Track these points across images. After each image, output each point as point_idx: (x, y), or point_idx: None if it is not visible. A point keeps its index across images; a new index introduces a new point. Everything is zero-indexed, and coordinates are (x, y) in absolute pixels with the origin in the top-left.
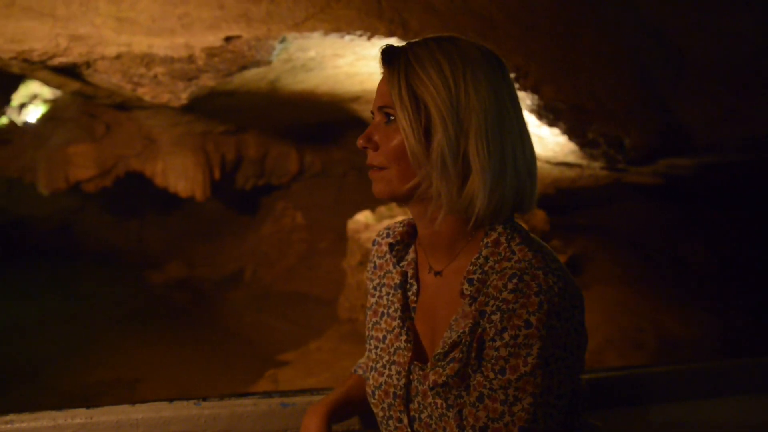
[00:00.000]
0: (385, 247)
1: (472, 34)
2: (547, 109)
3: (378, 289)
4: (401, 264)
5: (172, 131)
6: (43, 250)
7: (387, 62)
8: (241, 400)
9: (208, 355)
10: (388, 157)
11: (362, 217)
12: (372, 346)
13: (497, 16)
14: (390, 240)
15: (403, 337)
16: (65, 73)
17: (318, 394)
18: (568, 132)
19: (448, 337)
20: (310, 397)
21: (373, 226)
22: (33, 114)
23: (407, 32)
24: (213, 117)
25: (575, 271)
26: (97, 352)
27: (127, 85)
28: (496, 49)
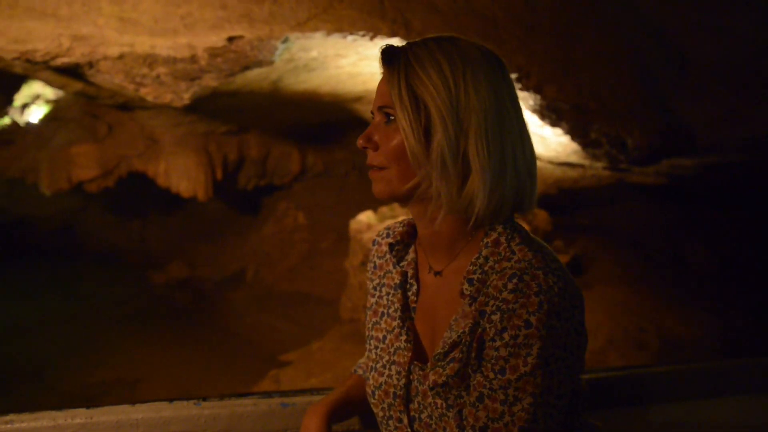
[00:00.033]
0: (385, 247)
1: (475, 34)
2: (549, 109)
3: (378, 289)
4: (401, 264)
5: (175, 131)
6: (45, 250)
7: (387, 62)
8: (241, 400)
9: (209, 355)
10: (388, 157)
11: (364, 217)
12: (372, 346)
13: (500, 16)
14: (390, 240)
15: (403, 337)
16: (68, 74)
17: (318, 394)
18: (571, 132)
19: (448, 337)
20: (310, 397)
21: (376, 226)
22: (35, 114)
23: (410, 32)
24: (215, 117)
25: (577, 271)
26: (99, 352)
27: (130, 86)
28: (499, 50)
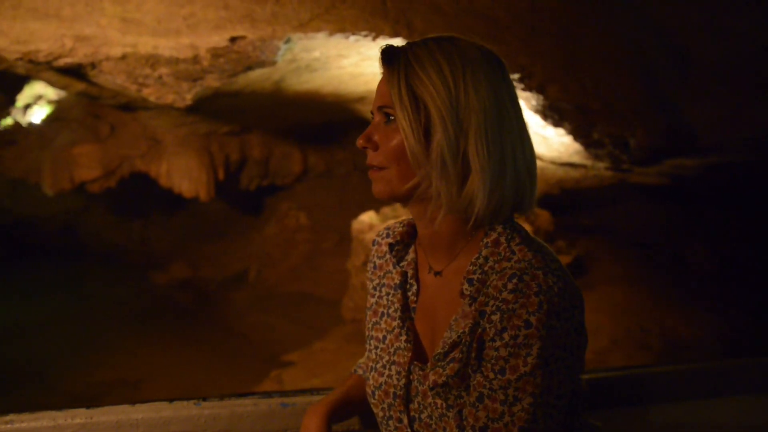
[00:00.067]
0: (385, 247)
1: (477, 34)
2: (552, 110)
3: (378, 289)
4: (401, 264)
5: (177, 132)
6: (47, 250)
7: (387, 62)
8: (241, 400)
9: (211, 355)
10: (387, 157)
11: (367, 217)
12: (372, 346)
13: (502, 17)
14: (390, 240)
15: (403, 337)
16: (70, 74)
17: (318, 394)
18: (573, 132)
19: (447, 337)
20: (310, 397)
21: (378, 226)
22: (38, 115)
23: (412, 33)
24: (217, 117)
25: (580, 271)
26: (101, 353)
27: (132, 86)
28: (501, 50)
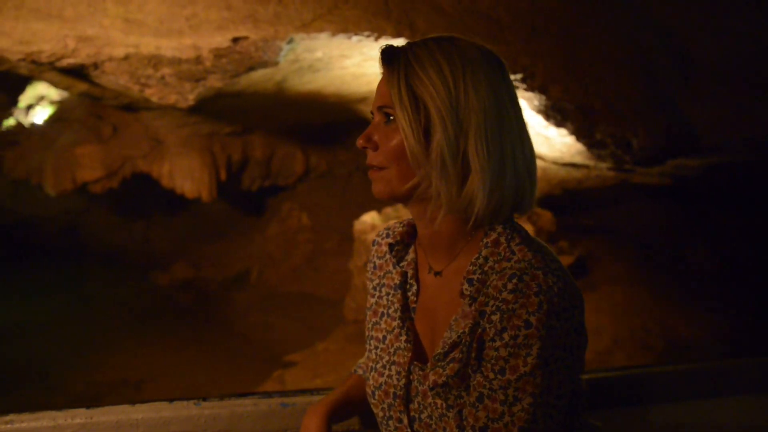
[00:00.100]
0: (385, 248)
1: (479, 35)
2: (554, 110)
3: (378, 289)
4: (401, 264)
5: (179, 132)
6: (49, 251)
7: (387, 62)
8: (241, 400)
9: (213, 355)
10: (387, 157)
11: (368, 218)
12: (372, 347)
13: (504, 17)
14: (390, 240)
15: (403, 338)
16: (73, 75)
17: (318, 394)
18: (576, 132)
19: (447, 337)
20: (310, 397)
21: (379, 227)
22: (40, 115)
23: (414, 33)
24: (219, 118)
25: (582, 271)
26: (102, 353)
27: (135, 86)
28: (503, 50)
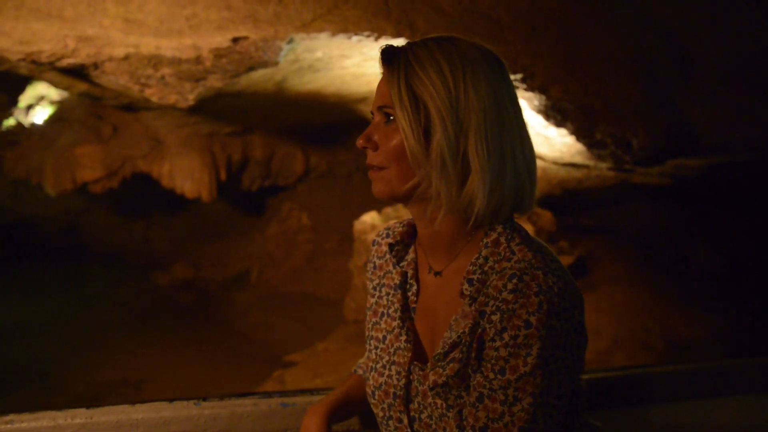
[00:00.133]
0: (385, 248)
1: (479, 35)
2: (554, 110)
3: (378, 289)
4: (401, 264)
5: (179, 132)
6: (49, 251)
7: (386, 62)
8: (241, 400)
9: (214, 356)
10: (387, 157)
11: (369, 218)
12: (372, 347)
13: (504, 17)
14: (390, 240)
15: (403, 338)
16: (73, 75)
17: (318, 394)
18: (576, 132)
19: (448, 337)
20: (310, 397)
21: (380, 227)
22: (40, 115)
23: (414, 33)
24: (219, 118)
25: (582, 272)
26: (102, 353)
27: (135, 86)
28: (503, 50)
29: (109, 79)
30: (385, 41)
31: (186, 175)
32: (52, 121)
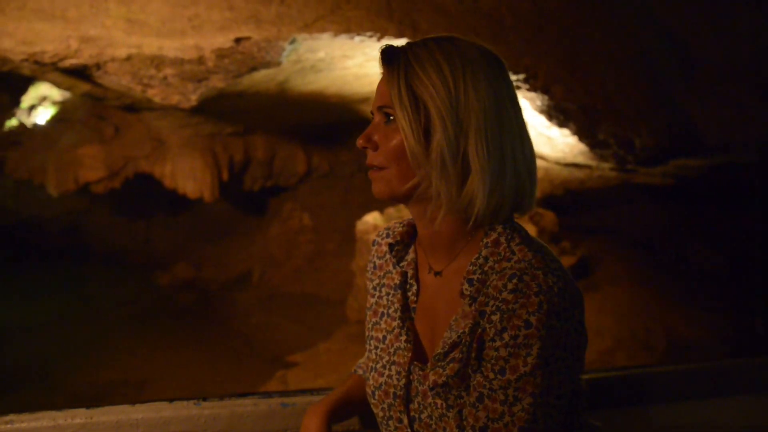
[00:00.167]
0: (385, 248)
1: (482, 35)
2: (557, 110)
3: (378, 289)
4: (401, 264)
5: (181, 133)
6: (51, 251)
7: (386, 62)
8: (241, 400)
9: (215, 356)
10: (387, 157)
11: (370, 218)
12: (372, 347)
13: (507, 18)
14: (390, 240)
15: (403, 338)
16: (75, 75)
17: (318, 394)
18: (578, 132)
19: (448, 337)
20: (310, 397)
21: (381, 227)
22: (42, 116)
23: (417, 33)
24: (222, 118)
25: (584, 272)
26: (104, 353)
27: (137, 87)
28: (506, 51)
29: (112, 79)
30: (387, 41)
31: (188, 175)
32: (54, 121)
